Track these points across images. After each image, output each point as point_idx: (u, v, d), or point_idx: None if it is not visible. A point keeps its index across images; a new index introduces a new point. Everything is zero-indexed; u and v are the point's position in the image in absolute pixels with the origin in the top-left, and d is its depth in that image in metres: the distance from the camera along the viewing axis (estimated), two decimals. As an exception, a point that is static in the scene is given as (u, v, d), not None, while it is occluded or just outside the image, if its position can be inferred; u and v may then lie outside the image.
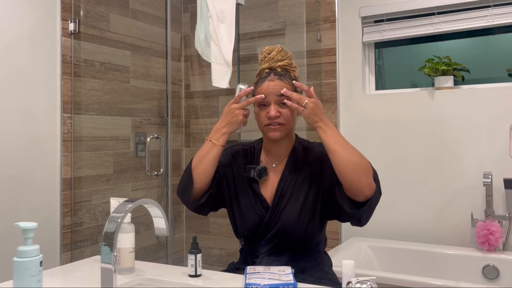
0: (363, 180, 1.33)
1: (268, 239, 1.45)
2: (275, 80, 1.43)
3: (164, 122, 2.95)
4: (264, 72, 1.48)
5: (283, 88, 1.40)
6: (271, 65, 1.47)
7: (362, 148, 2.86)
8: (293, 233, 1.42)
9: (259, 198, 1.47)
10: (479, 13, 2.46)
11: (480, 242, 2.27)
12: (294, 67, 1.51)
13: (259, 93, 1.43)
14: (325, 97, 2.76)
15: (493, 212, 2.29)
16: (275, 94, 1.41)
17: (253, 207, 1.47)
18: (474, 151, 2.41)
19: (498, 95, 2.38)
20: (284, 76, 1.45)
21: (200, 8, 2.25)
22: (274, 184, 1.48)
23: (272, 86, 1.42)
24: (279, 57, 1.48)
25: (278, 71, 1.46)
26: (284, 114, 1.42)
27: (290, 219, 1.42)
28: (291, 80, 1.45)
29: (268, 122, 1.42)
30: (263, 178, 1.47)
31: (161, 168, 2.85)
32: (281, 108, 1.42)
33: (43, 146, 2.25)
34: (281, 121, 1.42)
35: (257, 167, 1.48)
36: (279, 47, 1.51)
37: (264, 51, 1.51)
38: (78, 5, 2.41)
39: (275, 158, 1.51)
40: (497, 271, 2.21)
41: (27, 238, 1.13)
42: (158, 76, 2.96)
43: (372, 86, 2.82)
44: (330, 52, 2.76)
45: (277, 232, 1.43)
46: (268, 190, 1.48)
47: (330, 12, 2.76)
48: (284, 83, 1.43)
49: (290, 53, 1.52)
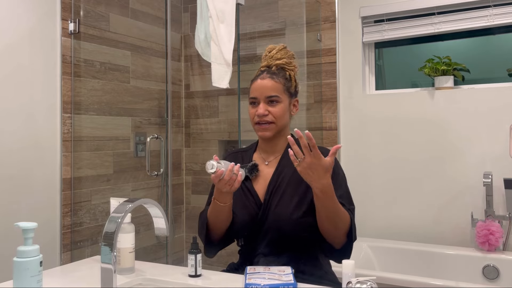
0: (336, 241, 1.39)
1: (263, 236, 1.45)
2: (266, 78, 1.45)
3: (164, 122, 2.95)
4: (259, 70, 1.51)
5: (273, 86, 1.43)
6: (269, 63, 1.50)
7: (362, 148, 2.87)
8: (287, 228, 1.41)
9: (251, 195, 1.47)
10: (479, 13, 2.46)
11: (480, 242, 2.27)
12: (293, 66, 1.51)
13: (251, 91, 1.48)
14: (325, 97, 2.76)
15: (493, 212, 2.29)
16: (264, 93, 1.43)
17: (245, 204, 1.47)
18: (474, 151, 2.41)
19: (498, 95, 2.38)
20: (276, 75, 1.46)
21: (200, 8, 2.25)
22: (266, 181, 1.48)
23: (262, 85, 1.45)
24: (279, 56, 1.50)
25: (272, 70, 1.48)
26: (274, 113, 1.43)
27: (282, 215, 1.41)
28: (283, 79, 1.47)
29: (257, 120, 1.45)
30: (254, 174, 1.48)
31: (161, 168, 2.85)
32: (270, 106, 1.44)
33: (43, 146, 2.25)
34: (269, 119, 1.43)
35: (248, 165, 1.48)
36: (280, 46, 1.53)
37: (267, 50, 1.54)
38: (78, 5, 2.41)
39: (269, 155, 1.52)
40: (497, 271, 2.21)
41: (27, 238, 1.13)
42: (158, 76, 2.96)
43: (372, 86, 2.82)
44: (330, 52, 2.76)
45: (270, 228, 1.43)
46: (260, 187, 1.48)
47: (330, 12, 2.76)
48: (275, 82, 1.45)
49: (291, 52, 1.53)
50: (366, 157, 2.70)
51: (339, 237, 1.38)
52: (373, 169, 2.67)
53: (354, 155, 2.70)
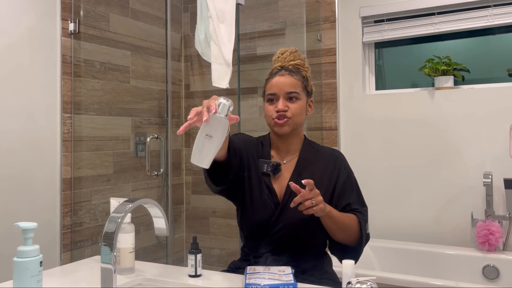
0: (349, 241, 1.44)
1: (273, 237, 1.43)
2: (285, 75, 1.45)
3: (164, 122, 2.95)
4: (275, 68, 1.50)
5: (293, 82, 1.44)
6: (283, 64, 1.50)
7: (362, 148, 2.87)
8: (302, 233, 1.41)
9: (270, 193, 1.45)
10: (479, 13, 2.46)
11: (480, 242, 2.27)
12: (307, 67, 1.53)
13: (268, 88, 1.47)
14: (325, 97, 2.76)
15: (493, 212, 2.29)
16: (283, 89, 1.43)
17: (263, 202, 1.44)
18: (474, 151, 2.41)
19: (498, 95, 2.38)
20: (294, 72, 1.47)
21: (200, 8, 2.25)
22: (285, 180, 1.45)
23: (281, 81, 1.44)
24: (292, 58, 1.51)
25: (289, 68, 1.48)
26: (293, 109, 1.43)
27: (300, 219, 1.39)
28: (301, 77, 1.47)
29: (276, 115, 1.43)
30: (278, 174, 1.47)
31: (161, 168, 2.85)
32: (290, 102, 1.44)
33: (43, 146, 2.25)
34: (288, 114, 1.43)
35: (272, 162, 1.46)
36: (292, 49, 1.54)
37: (278, 52, 1.55)
38: (78, 5, 2.41)
39: (285, 154, 1.51)
40: (497, 271, 2.21)
41: (27, 238, 1.13)
42: (158, 76, 2.96)
43: (372, 86, 2.82)
44: (330, 52, 2.76)
45: (283, 228, 1.42)
46: (278, 186, 1.46)
47: (330, 12, 2.76)
48: (294, 79, 1.45)
49: (303, 55, 1.55)
50: (366, 157, 2.70)
51: (352, 239, 1.43)
52: (373, 169, 2.67)
53: (354, 155, 2.70)
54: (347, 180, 1.48)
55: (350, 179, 1.49)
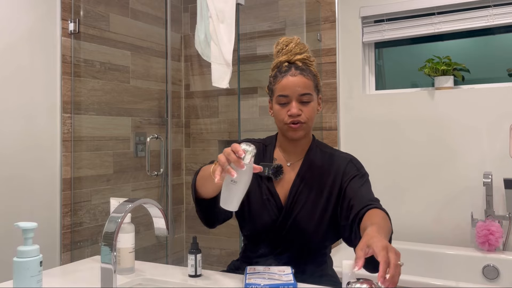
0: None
1: (276, 241, 1.40)
2: (297, 75, 1.35)
3: (164, 122, 2.95)
4: (283, 66, 1.39)
5: (305, 84, 1.34)
6: (289, 58, 1.39)
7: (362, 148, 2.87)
8: (308, 238, 1.37)
9: (272, 196, 1.40)
10: (479, 13, 2.46)
11: (480, 242, 2.27)
12: (313, 60, 1.43)
13: (279, 89, 1.36)
14: (325, 97, 2.76)
15: (493, 212, 2.29)
16: (296, 91, 1.34)
17: (265, 206, 1.40)
18: (474, 151, 2.41)
19: (498, 95, 2.38)
20: (305, 71, 1.37)
21: (200, 8, 2.25)
22: (288, 184, 1.40)
23: (294, 82, 1.34)
24: (298, 50, 1.39)
25: (299, 65, 1.37)
26: (306, 112, 1.35)
27: (307, 224, 1.35)
28: (312, 76, 1.38)
29: (289, 120, 1.35)
30: (279, 177, 1.41)
31: (161, 168, 2.85)
32: (303, 105, 1.35)
33: (43, 146, 2.25)
34: (302, 119, 1.35)
35: (273, 165, 1.40)
36: (297, 39, 1.42)
37: (281, 43, 1.42)
38: (78, 5, 2.41)
39: (290, 157, 1.44)
40: (497, 271, 2.21)
41: (27, 238, 1.13)
42: (158, 76, 2.96)
43: (372, 86, 2.82)
44: (330, 52, 2.76)
45: (288, 234, 1.38)
46: (281, 190, 1.41)
47: (330, 12, 2.76)
48: (306, 79, 1.35)
49: (307, 46, 1.44)
50: (366, 157, 2.67)
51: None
52: (373, 169, 2.66)
53: (354, 155, 2.69)
54: (363, 180, 1.40)
55: (364, 178, 1.41)
